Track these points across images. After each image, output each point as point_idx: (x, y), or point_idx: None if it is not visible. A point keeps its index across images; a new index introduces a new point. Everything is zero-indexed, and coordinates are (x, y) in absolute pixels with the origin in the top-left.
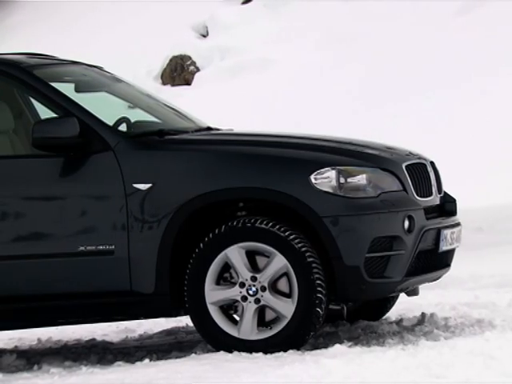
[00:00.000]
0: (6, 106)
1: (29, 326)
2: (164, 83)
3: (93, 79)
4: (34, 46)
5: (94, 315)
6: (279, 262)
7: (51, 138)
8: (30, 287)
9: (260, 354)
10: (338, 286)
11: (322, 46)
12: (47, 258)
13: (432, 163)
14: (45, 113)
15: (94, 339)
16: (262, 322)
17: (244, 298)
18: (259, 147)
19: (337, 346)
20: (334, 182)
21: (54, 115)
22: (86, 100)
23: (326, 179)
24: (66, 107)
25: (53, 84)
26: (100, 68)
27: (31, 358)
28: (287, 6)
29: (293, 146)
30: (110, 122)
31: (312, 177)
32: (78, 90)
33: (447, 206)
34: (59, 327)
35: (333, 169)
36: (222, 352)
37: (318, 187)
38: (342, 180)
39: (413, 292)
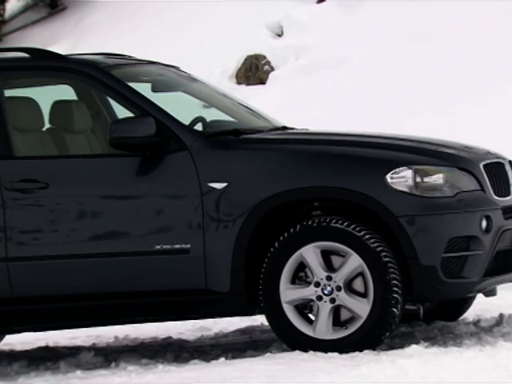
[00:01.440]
0: (84, 105)
1: (106, 323)
2: (238, 83)
3: (169, 79)
4: (111, 47)
5: (170, 313)
6: (354, 262)
7: (128, 137)
8: (107, 285)
9: (335, 353)
10: (414, 286)
11: (395, 45)
12: (124, 257)
13: (510, 162)
14: (122, 112)
15: (170, 337)
16: (337, 321)
17: (319, 298)
18: (334, 146)
19: (413, 346)
20: (410, 182)
21: (131, 115)
22: (163, 100)
23: (402, 179)
24: (142, 107)
25: (130, 84)
26: (176, 68)
27: (108, 356)
28: (361, 6)
29: (368, 145)
30: (186, 122)
31: (388, 176)
32: (154, 89)
33: None
34: (136, 325)
35: (409, 168)
36: (297, 351)
37: (394, 187)
38: (419, 179)
39: (490, 292)
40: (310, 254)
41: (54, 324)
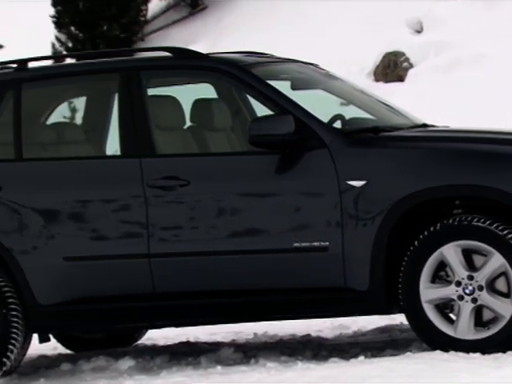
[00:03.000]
0: (224, 104)
1: (246, 320)
2: (377, 80)
3: (308, 77)
4: (250, 46)
5: (309, 311)
6: (497, 261)
7: (267, 135)
8: (246, 282)
9: (477, 354)
10: None
11: None
12: (262, 254)
13: None
14: (261, 110)
15: (308, 335)
16: (479, 321)
17: (460, 297)
18: (476, 144)
19: None
20: None
21: (271, 113)
22: (302, 97)
23: None
24: (282, 105)
25: (270, 82)
26: (315, 65)
27: (248, 352)
28: (503, 0)
29: (510, 142)
30: (325, 119)
31: None
32: (293, 87)
33: None
34: (275, 322)
35: None
36: (437, 351)
37: None
38: None
39: None
40: (451, 252)
41: (195, 320)
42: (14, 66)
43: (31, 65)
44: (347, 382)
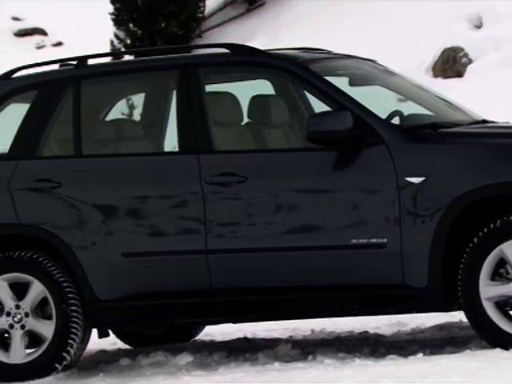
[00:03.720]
0: (281, 100)
1: (303, 316)
2: (435, 76)
3: (366, 72)
4: (307, 42)
5: (366, 308)
6: None
7: (325, 131)
8: (303, 279)
9: None
10: None
11: None
12: (320, 251)
13: None
14: (319, 107)
15: (366, 332)
16: None
17: None
18: None
19: None
20: None
21: (328, 109)
22: (360, 93)
23: None
24: (339, 101)
25: (327, 78)
26: (373, 61)
27: (305, 349)
28: None
29: None
30: (383, 115)
31: None
32: (351, 83)
33: None
34: (332, 319)
35: None
36: (497, 349)
37: None
38: None
39: None
40: (511, 250)
41: (252, 316)
42: (74, 63)
43: (90, 62)
44: (405, 379)
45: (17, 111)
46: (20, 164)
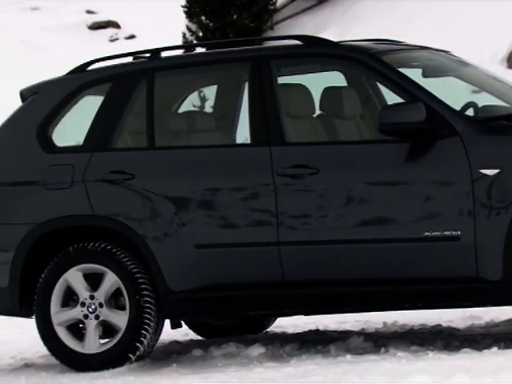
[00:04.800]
0: (354, 92)
1: (375, 309)
2: (509, 67)
3: (440, 64)
4: (379, 34)
5: (439, 301)
6: None
7: (398, 123)
8: (374, 271)
9: None
10: None
11: None
12: (392, 243)
13: None
14: (392, 98)
15: (439, 325)
16: None
17: None
18: None
19: None
20: None
21: (401, 101)
22: (433, 85)
23: None
24: (413, 92)
25: (400, 69)
26: (447, 52)
27: (377, 341)
28: None
29: None
30: (457, 107)
31: None
32: (425, 74)
33: None
34: (404, 312)
35: None
36: None
37: None
38: None
39: None
40: None
41: (324, 308)
42: (147, 55)
43: (163, 54)
44: (480, 373)
45: (91, 104)
46: (94, 156)
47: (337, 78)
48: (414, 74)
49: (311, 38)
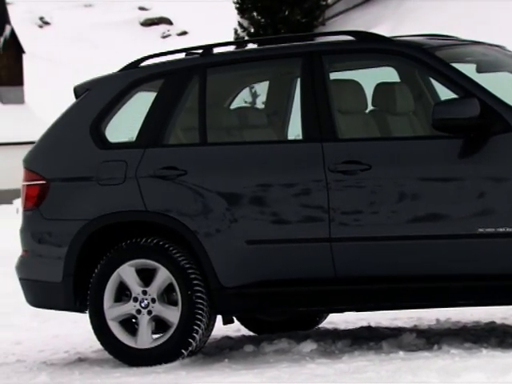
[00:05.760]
0: (406, 87)
1: (427, 305)
2: None
3: (494, 59)
4: (433, 28)
5: (493, 297)
6: None
7: (451, 119)
8: (427, 268)
9: None
10: None
11: None
12: (444, 239)
13: None
14: (444, 94)
15: (493, 322)
16: None
17: None
18: None
19: None
20: None
21: (455, 96)
22: (488, 80)
23: None
24: (466, 88)
25: (454, 65)
26: (501, 47)
27: (430, 338)
28: None
29: None
30: None
31: None
32: (479, 70)
33: None
34: (457, 308)
35: None
36: None
37: None
38: None
39: None
40: None
41: (376, 305)
42: (199, 51)
43: (215, 51)
44: None
45: (144, 100)
46: (147, 152)
47: (389, 74)
48: (468, 70)
49: (363, 33)
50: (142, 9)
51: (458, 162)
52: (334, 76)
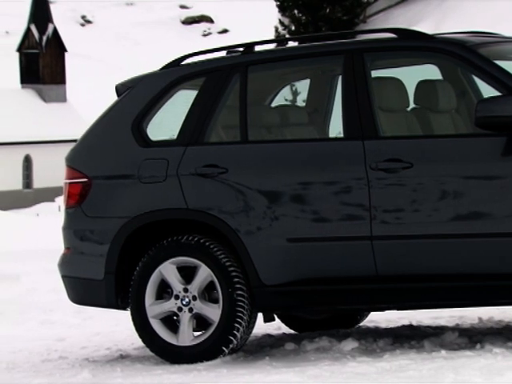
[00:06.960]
0: (449, 85)
1: (469, 304)
2: None
3: None
4: (476, 25)
5: None
6: None
7: (495, 116)
8: (469, 266)
9: None
10: None
11: None
12: (486, 238)
13: None
14: (487, 92)
15: None
16: None
17: None
18: None
19: None
20: None
21: (498, 94)
22: None
23: None
24: (510, 85)
25: (497, 62)
26: None
27: (473, 337)
28: None
29: None
30: None
31: None
32: None
33: None
34: (500, 307)
35: None
36: None
37: None
38: None
39: None
40: None
41: (417, 303)
42: (240, 49)
43: (256, 48)
44: None
45: (185, 98)
46: (188, 150)
47: (431, 71)
48: None
49: (405, 30)
50: (183, 7)
51: (501, 160)
52: (375, 74)
